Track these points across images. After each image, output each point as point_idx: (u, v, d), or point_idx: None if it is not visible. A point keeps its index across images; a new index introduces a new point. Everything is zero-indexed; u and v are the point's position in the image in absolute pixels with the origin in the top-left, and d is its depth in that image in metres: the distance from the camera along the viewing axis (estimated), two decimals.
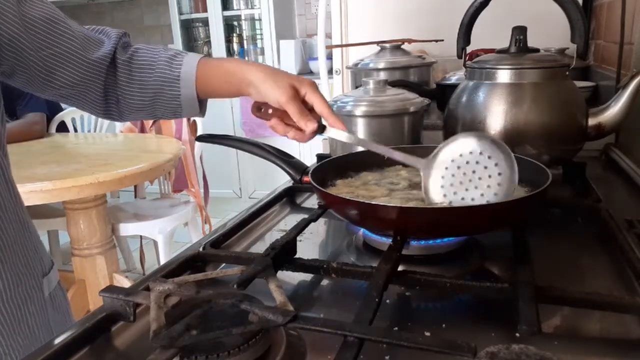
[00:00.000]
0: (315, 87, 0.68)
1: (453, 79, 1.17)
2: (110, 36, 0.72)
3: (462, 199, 0.59)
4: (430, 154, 0.61)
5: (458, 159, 0.60)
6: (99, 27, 0.74)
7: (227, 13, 3.93)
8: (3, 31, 0.60)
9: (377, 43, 1.27)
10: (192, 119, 2.49)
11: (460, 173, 0.59)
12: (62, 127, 2.71)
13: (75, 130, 2.80)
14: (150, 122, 2.54)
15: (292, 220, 0.76)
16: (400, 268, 0.52)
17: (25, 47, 0.63)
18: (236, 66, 0.71)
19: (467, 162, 0.59)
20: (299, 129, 0.67)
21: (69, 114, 2.73)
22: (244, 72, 0.69)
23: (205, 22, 4.02)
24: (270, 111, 0.69)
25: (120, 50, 0.72)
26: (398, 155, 0.65)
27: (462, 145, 0.60)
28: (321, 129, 0.67)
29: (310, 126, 0.66)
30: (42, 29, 0.65)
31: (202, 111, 0.77)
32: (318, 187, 0.60)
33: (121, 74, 0.72)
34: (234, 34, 4.09)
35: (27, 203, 0.74)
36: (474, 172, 0.58)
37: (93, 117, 2.79)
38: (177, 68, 0.71)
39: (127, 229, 2.13)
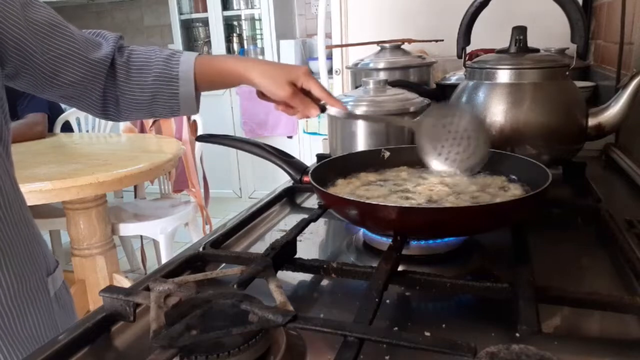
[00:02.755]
0: (308, 74, 0.74)
1: (453, 79, 1.17)
2: (107, 39, 0.75)
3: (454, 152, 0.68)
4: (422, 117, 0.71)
5: (446, 124, 0.69)
6: (96, 31, 0.76)
7: (227, 13, 3.93)
8: (9, 34, 0.63)
9: (377, 43, 1.26)
10: (192, 118, 2.49)
11: (447, 131, 0.69)
12: (66, 127, 2.71)
13: (80, 131, 2.80)
14: (150, 122, 2.54)
15: (292, 220, 0.76)
16: (400, 268, 0.52)
17: (30, 49, 0.65)
18: (234, 65, 0.75)
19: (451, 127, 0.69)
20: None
21: (73, 113, 2.73)
22: (243, 71, 0.74)
23: (205, 22, 4.02)
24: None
25: (117, 52, 0.75)
26: (395, 120, 0.81)
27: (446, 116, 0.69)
28: (322, 109, 0.76)
29: (314, 112, 0.75)
30: (45, 32, 0.67)
31: (197, 108, 0.80)
32: (318, 187, 0.60)
33: (120, 75, 0.74)
34: (234, 34, 4.09)
35: (26, 203, 0.74)
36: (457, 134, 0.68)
37: None
38: (175, 67, 0.74)
39: (128, 229, 2.13)
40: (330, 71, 1.76)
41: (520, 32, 0.82)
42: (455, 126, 0.68)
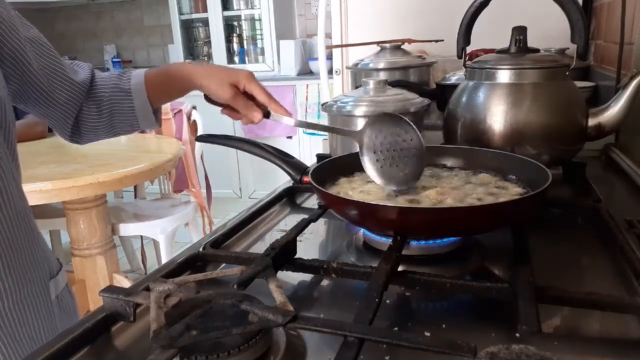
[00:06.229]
0: (251, 78, 0.75)
1: (453, 79, 1.17)
2: (81, 66, 0.80)
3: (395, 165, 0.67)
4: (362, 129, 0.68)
5: (380, 137, 0.67)
6: (69, 60, 0.81)
7: (227, 13, 3.94)
8: (7, 41, 0.65)
9: (377, 43, 1.27)
10: (192, 118, 2.49)
11: (386, 143, 0.67)
12: None
13: None
14: None
15: (292, 220, 0.76)
16: (400, 268, 0.52)
17: (25, 59, 0.68)
18: (179, 71, 0.79)
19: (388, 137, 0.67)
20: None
21: None
22: (189, 76, 0.77)
23: (205, 22, 4.02)
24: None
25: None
26: (337, 130, 0.79)
27: (379, 128, 0.67)
28: (267, 114, 0.75)
29: (256, 116, 0.75)
30: (37, 48, 0.71)
31: (157, 121, 0.83)
32: (318, 187, 0.60)
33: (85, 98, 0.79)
34: (234, 34, 4.09)
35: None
36: (396, 143, 0.67)
37: None
38: (126, 82, 0.78)
39: (128, 229, 2.13)
40: (330, 71, 1.76)
41: (520, 32, 0.82)
42: (394, 137, 0.66)
